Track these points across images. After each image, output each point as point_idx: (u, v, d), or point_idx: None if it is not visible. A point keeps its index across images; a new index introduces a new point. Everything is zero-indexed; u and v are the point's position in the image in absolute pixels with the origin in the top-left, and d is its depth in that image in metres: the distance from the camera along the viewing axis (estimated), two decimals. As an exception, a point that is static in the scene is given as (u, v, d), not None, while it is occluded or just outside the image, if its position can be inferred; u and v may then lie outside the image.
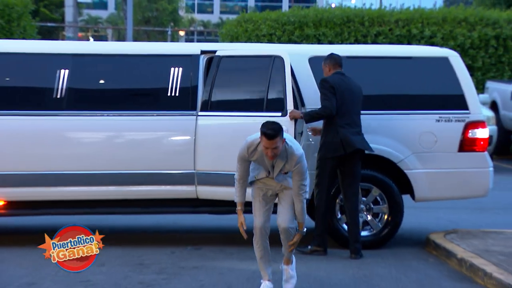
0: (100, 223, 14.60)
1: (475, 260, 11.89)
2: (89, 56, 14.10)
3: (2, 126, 12.91)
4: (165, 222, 14.72)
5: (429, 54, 14.38)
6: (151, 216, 14.55)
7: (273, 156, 9.46)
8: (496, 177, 13.98)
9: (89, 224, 14.44)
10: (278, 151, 9.45)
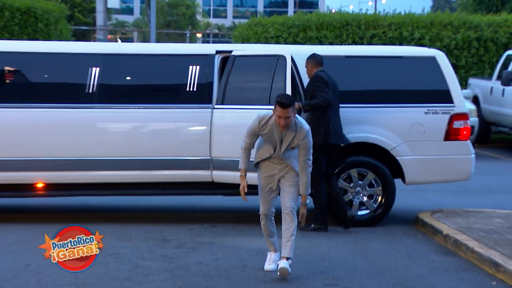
0: (126, 203, 14.72)
1: (458, 236, 11.97)
2: (118, 55, 14.18)
3: (42, 117, 13.06)
4: (184, 203, 14.76)
5: (418, 54, 14.41)
6: (171, 197, 14.58)
7: (284, 125, 9.41)
8: (478, 163, 14.01)
9: (116, 204, 14.57)
10: (290, 121, 9.42)
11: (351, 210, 12.94)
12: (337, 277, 10.06)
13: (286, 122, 9.37)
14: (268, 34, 30.22)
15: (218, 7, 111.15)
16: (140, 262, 10.73)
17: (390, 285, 9.95)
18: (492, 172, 19.52)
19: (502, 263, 10.42)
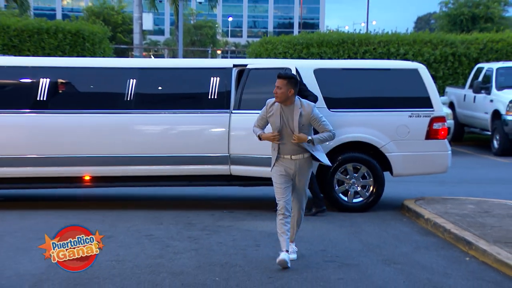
0: (158, 193, 14.70)
1: (437, 219, 11.95)
2: (151, 69, 14.20)
3: (90, 121, 13.06)
4: (206, 192, 14.75)
5: (403, 67, 14.38)
6: (196, 188, 14.57)
7: (275, 93, 9.07)
8: (453, 158, 14.01)
9: (150, 194, 14.52)
10: (282, 94, 9.02)
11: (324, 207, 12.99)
12: (335, 254, 10.05)
13: (275, 91, 9.06)
14: (277, 50, 30.23)
15: (235, 28, 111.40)
16: (170, 242, 10.73)
17: (380, 261, 9.91)
18: (465, 166, 19.48)
19: (474, 242, 10.44)
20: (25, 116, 13.10)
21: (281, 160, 9.34)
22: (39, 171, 13.04)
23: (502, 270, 9.40)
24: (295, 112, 9.09)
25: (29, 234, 11.11)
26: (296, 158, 9.20)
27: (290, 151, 9.23)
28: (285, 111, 9.16)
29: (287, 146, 9.20)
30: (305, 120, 9.11)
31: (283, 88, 8.99)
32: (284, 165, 9.30)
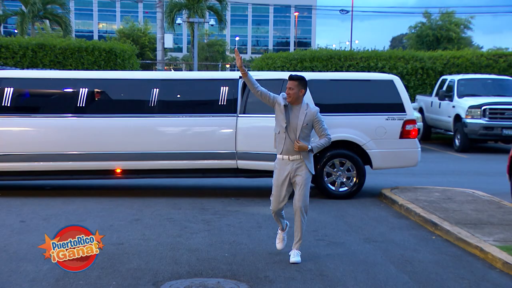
0: (177, 183, 14.67)
1: (409, 205, 11.92)
2: (171, 80, 14.22)
3: (120, 123, 13.05)
4: (217, 183, 14.71)
5: (381, 78, 14.33)
6: (208, 179, 14.52)
7: (288, 94, 8.34)
8: (422, 154, 13.96)
9: (170, 184, 14.46)
10: (294, 94, 8.32)
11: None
12: (325, 234, 10.03)
13: (288, 92, 8.34)
14: (276, 64, 30.27)
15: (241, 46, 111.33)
16: (187, 224, 10.71)
17: (361, 239, 9.89)
18: (432, 160, 19.43)
19: (439, 223, 10.46)
20: (68, 119, 13.09)
21: (280, 160, 8.54)
22: (79, 165, 13.06)
23: (462, 246, 9.46)
24: (301, 112, 8.39)
25: (70, 217, 11.13)
26: (293, 159, 8.42)
27: (288, 151, 8.42)
28: (292, 110, 8.44)
29: (287, 145, 8.42)
30: (308, 120, 8.39)
31: (295, 89, 8.37)
32: (281, 167, 8.51)
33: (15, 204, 12.22)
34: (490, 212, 11.43)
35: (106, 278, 7.70)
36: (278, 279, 7.69)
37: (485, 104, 22.33)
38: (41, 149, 12.90)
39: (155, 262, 8.37)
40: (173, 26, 51.93)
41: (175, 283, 7.50)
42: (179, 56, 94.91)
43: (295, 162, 8.40)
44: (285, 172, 8.42)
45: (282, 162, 8.47)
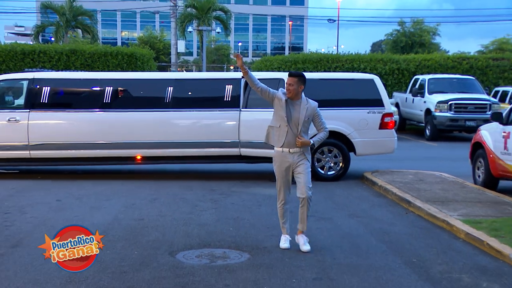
0: (188, 168, 14.66)
1: (387, 186, 11.92)
2: (183, 80, 14.26)
3: (140, 117, 13.04)
4: (223, 168, 14.71)
5: (363, 77, 14.27)
6: (215, 164, 14.49)
7: (290, 90, 7.61)
8: (398, 143, 13.98)
9: (184, 168, 14.43)
10: (294, 90, 7.60)
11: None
12: (315, 211, 9.99)
13: (288, 88, 7.62)
14: (273, 66, 30.35)
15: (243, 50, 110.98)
16: (197, 203, 10.70)
17: (346, 215, 9.90)
18: (407, 148, 19.46)
19: (412, 201, 10.46)
20: (95, 113, 13.10)
21: (280, 153, 7.79)
22: (105, 153, 13.06)
23: (431, 220, 9.49)
24: (302, 107, 7.67)
25: (99, 197, 11.14)
26: (294, 152, 7.67)
27: (289, 144, 7.67)
28: (293, 105, 7.70)
29: (288, 138, 7.66)
30: (309, 115, 7.70)
31: (295, 85, 7.64)
32: (282, 159, 7.77)
33: (52, 185, 12.26)
34: (455, 191, 11.45)
35: (129, 248, 7.73)
36: (275, 249, 7.71)
37: (451, 100, 22.47)
38: (73, 139, 12.91)
39: (171, 235, 8.38)
40: (185, 33, 52.01)
41: (188, 253, 7.52)
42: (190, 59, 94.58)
43: (295, 154, 7.70)
44: (286, 164, 7.73)
45: (282, 155, 7.76)
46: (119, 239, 8.17)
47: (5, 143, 12.83)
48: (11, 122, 12.86)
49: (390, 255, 7.61)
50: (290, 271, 6.84)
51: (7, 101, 13.74)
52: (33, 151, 12.90)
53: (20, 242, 8.01)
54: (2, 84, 13.57)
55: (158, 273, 6.76)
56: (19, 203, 10.47)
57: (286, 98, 7.69)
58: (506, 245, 7.61)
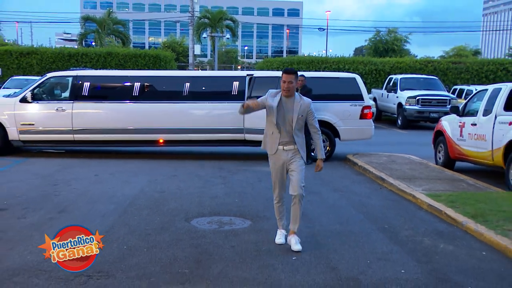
0: (202, 150, 14.61)
1: (365, 166, 11.87)
2: (198, 77, 14.22)
3: (163, 107, 12.98)
4: (230, 150, 14.66)
5: (347, 76, 14.12)
6: (224, 147, 14.45)
7: (287, 88, 6.27)
8: (375, 130, 13.92)
9: (197, 151, 14.35)
10: (292, 86, 6.28)
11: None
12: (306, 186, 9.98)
13: (288, 86, 6.25)
14: (273, 66, 30.64)
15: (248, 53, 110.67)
16: (209, 179, 10.68)
17: (331, 190, 9.89)
18: (382, 135, 19.36)
19: (385, 178, 10.42)
20: (126, 104, 13.04)
21: (275, 151, 6.51)
22: (134, 137, 13.04)
23: (400, 194, 9.46)
24: (296, 104, 6.35)
25: (128, 173, 11.12)
26: (288, 149, 6.41)
27: (284, 142, 6.43)
28: (286, 103, 6.38)
29: (283, 136, 6.42)
30: (303, 112, 6.37)
31: (294, 82, 6.32)
32: (277, 157, 6.50)
33: (91, 163, 12.25)
34: (420, 170, 11.42)
35: (152, 215, 7.72)
36: (273, 217, 7.64)
37: (418, 96, 22.42)
38: (108, 125, 12.89)
39: (187, 205, 8.36)
40: (200, 39, 51.98)
41: (201, 219, 7.50)
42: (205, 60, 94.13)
43: (289, 152, 6.42)
44: (280, 161, 6.46)
45: (276, 152, 6.49)
46: (144, 207, 8.16)
47: (54, 128, 12.85)
48: (59, 111, 12.85)
49: (367, 223, 7.60)
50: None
51: (56, 94, 13.71)
52: (76, 134, 12.90)
53: (65, 208, 8.02)
54: (52, 80, 13.54)
55: (176, 235, 6.76)
56: (65, 177, 10.48)
57: (281, 98, 6.38)
58: (460, 214, 7.62)
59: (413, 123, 23.19)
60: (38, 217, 7.50)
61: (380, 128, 22.10)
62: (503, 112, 10.47)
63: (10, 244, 6.31)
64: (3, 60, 29.81)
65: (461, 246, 6.61)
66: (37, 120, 12.86)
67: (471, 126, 11.31)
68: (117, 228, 7.01)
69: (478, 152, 10.98)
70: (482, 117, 10.97)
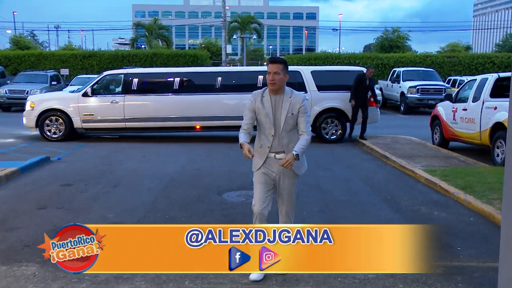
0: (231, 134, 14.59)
1: (372, 146, 11.71)
2: (229, 72, 14.19)
3: (199, 98, 12.90)
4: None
5: (356, 69, 13.76)
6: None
7: (272, 80, 4.22)
8: (381, 116, 13.75)
9: (228, 135, 14.34)
10: (279, 79, 4.21)
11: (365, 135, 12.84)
12: (321, 163, 9.95)
13: (273, 78, 4.21)
14: (293, 62, 30.10)
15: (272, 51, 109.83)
16: (238, 159, 10.46)
17: (343, 166, 9.77)
18: (387, 119, 19.04)
19: (389, 157, 10.26)
20: (168, 96, 13.03)
21: (263, 156, 4.46)
22: (175, 124, 13.01)
23: (402, 170, 9.30)
24: (285, 100, 4.27)
25: (170, 154, 11.15)
26: (280, 158, 4.33)
27: (275, 148, 4.36)
28: (276, 101, 4.31)
29: (275, 141, 4.35)
30: (293, 109, 4.25)
31: (281, 74, 4.26)
32: (267, 166, 4.43)
33: (140, 146, 12.33)
34: (419, 149, 11.23)
35: (190, 189, 7.75)
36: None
37: (418, 85, 22.03)
38: (153, 114, 12.91)
39: (219, 180, 8.36)
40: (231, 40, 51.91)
41: (230, 193, 7.49)
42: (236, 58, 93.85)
43: (279, 161, 4.31)
44: (270, 171, 4.42)
45: (267, 160, 4.42)
46: (183, 183, 8.20)
47: (109, 117, 12.95)
48: (113, 103, 12.94)
49: (372, 195, 7.50)
50: (302, 205, 6.77)
51: (111, 89, 13.79)
52: (127, 122, 12.99)
53: (118, 183, 8.11)
54: (107, 77, 13.61)
55: (210, 206, 6.78)
56: (118, 158, 10.59)
57: (269, 96, 4.35)
58: (452, 186, 7.49)
59: (413, 109, 22.79)
60: (97, 190, 7.62)
61: (385, 113, 21.75)
62: (489, 98, 10.32)
63: (75, 212, 6.44)
64: (70, 62, 30.56)
65: (452, 213, 6.50)
66: (96, 111, 12.99)
67: (462, 111, 11.12)
68: (160, 200, 7.07)
69: (468, 133, 10.81)
70: (472, 103, 10.79)
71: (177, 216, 6.28)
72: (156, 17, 51.67)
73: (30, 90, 21.56)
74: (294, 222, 4.52)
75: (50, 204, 6.85)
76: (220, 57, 58.53)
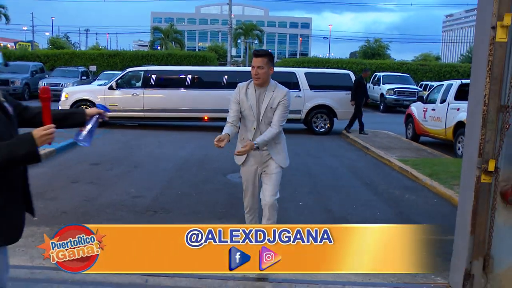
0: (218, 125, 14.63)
1: (355, 138, 11.68)
2: (234, 71, 14.15)
3: (208, 93, 12.86)
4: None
5: (343, 72, 13.81)
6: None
7: (256, 74, 3.74)
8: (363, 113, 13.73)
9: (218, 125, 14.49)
10: (263, 73, 3.72)
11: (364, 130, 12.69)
12: (311, 152, 10.00)
13: (257, 72, 3.72)
14: (289, 64, 30.14)
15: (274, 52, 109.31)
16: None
17: (330, 155, 9.80)
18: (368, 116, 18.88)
19: (370, 147, 10.33)
20: (181, 91, 13.00)
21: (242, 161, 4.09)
22: (187, 115, 13.01)
23: (379, 159, 9.36)
24: (267, 93, 3.80)
25: (182, 140, 11.17)
26: (263, 150, 3.89)
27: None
28: (261, 95, 3.84)
29: (256, 135, 3.88)
30: (273, 103, 3.77)
31: (265, 67, 3.74)
32: (250, 158, 4.02)
33: (156, 133, 12.33)
34: (395, 142, 11.29)
35: (199, 171, 7.81)
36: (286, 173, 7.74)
37: (395, 88, 22.07)
38: (168, 106, 12.89)
39: (224, 164, 8.38)
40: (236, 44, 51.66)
41: (234, 174, 7.52)
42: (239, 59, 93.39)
43: (263, 154, 3.91)
44: (254, 164, 4.00)
45: (250, 154, 3.97)
46: (193, 165, 8.27)
47: (130, 108, 12.95)
48: (134, 96, 12.95)
49: (354, 179, 7.59)
50: (294, 187, 6.89)
51: (132, 84, 13.76)
52: (145, 113, 13.01)
53: (138, 165, 8.17)
54: (129, 74, 13.56)
55: (216, 186, 6.85)
56: (137, 143, 10.62)
57: (254, 88, 3.87)
58: (421, 174, 7.60)
59: (391, 108, 22.81)
60: (120, 170, 7.69)
61: (367, 111, 21.67)
62: (454, 101, 10.50)
63: (102, 188, 6.52)
64: (98, 60, 30.76)
65: (420, 196, 6.60)
66: (119, 102, 12.98)
67: (431, 111, 11.26)
68: (174, 180, 7.15)
69: (436, 130, 10.96)
70: (439, 104, 10.94)
71: (188, 193, 6.37)
72: (171, 23, 51.59)
73: (64, 83, 21.76)
74: (289, 201, 4.55)
75: (82, 179, 6.94)
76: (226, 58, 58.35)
